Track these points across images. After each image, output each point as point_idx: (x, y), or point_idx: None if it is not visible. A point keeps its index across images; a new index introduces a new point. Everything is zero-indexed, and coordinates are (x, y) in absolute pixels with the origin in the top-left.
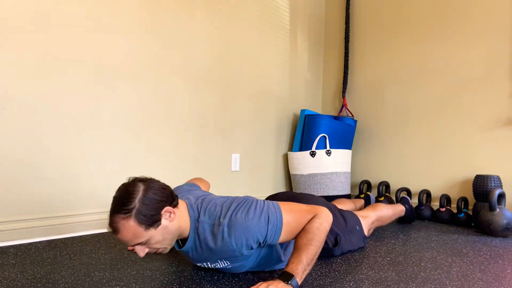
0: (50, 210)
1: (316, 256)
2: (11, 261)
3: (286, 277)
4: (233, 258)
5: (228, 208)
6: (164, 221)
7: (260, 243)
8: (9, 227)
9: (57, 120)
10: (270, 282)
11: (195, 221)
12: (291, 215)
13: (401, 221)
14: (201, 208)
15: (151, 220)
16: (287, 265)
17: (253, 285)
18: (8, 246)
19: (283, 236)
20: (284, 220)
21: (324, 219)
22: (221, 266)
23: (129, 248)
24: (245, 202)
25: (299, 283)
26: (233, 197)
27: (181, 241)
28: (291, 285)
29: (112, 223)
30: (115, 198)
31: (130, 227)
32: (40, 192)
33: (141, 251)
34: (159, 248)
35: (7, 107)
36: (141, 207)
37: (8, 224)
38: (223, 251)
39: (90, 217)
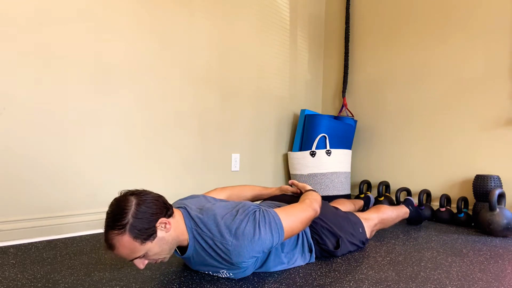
0: (50, 210)
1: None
2: (11, 261)
3: None
4: (235, 268)
5: (230, 226)
6: (160, 233)
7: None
8: (9, 227)
9: (57, 121)
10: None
11: (193, 230)
12: (289, 219)
13: (409, 223)
14: (199, 218)
15: (146, 234)
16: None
17: (253, 285)
18: (8, 246)
19: (286, 237)
20: (284, 225)
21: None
22: (224, 276)
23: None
24: (247, 217)
25: None
26: (231, 211)
27: (181, 250)
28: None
29: (107, 240)
30: (108, 214)
31: (126, 243)
32: (40, 192)
33: (140, 264)
34: (158, 259)
35: (7, 107)
36: (135, 221)
37: (8, 224)
38: (226, 263)
39: (90, 217)
